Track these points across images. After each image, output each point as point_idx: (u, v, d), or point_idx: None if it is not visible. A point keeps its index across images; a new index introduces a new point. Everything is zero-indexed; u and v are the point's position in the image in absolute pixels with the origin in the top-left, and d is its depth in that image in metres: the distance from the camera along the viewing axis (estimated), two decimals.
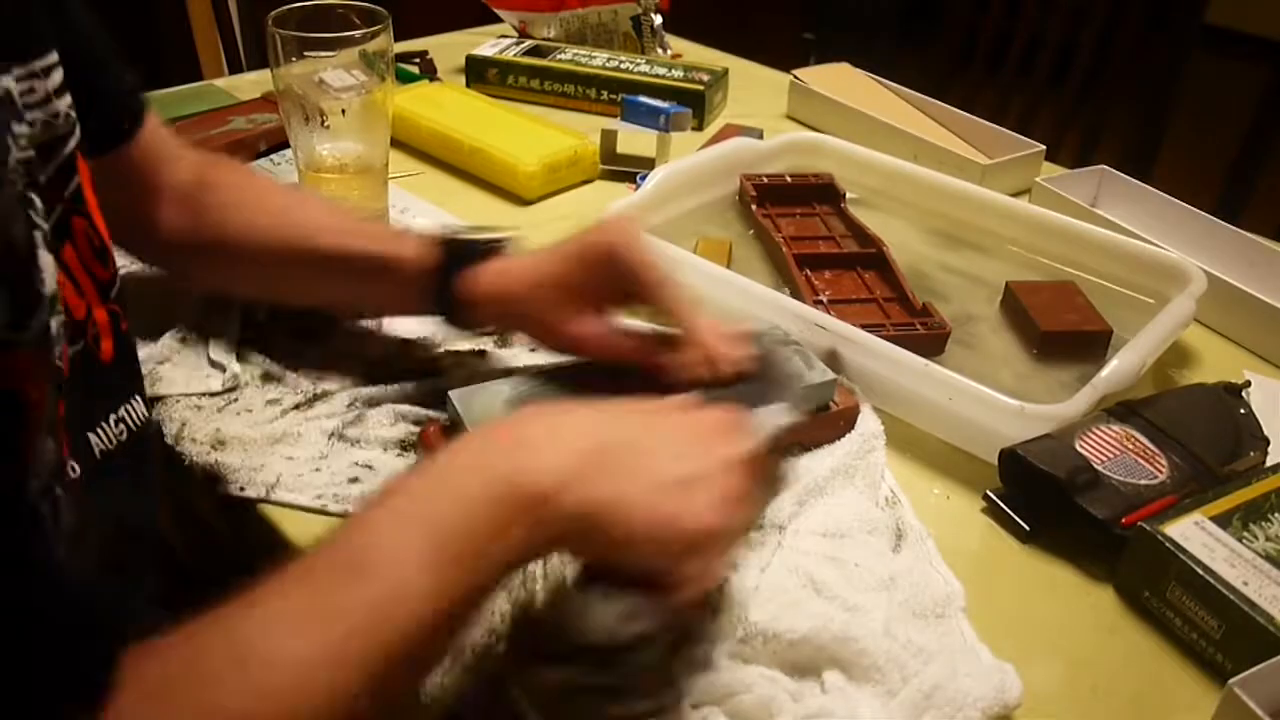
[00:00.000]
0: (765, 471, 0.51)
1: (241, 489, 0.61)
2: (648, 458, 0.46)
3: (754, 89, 1.28)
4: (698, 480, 0.46)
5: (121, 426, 0.55)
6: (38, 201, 0.46)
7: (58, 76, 0.50)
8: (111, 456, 0.53)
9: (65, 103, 0.50)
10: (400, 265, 0.65)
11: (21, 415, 0.39)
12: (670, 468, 0.45)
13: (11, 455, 0.37)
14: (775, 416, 0.55)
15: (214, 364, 0.70)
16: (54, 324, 0.47)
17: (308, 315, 0.74)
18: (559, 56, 1.22)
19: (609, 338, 0.62)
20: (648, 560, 0.45)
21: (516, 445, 0.44)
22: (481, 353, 0.72)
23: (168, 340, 0.72)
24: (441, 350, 0.73)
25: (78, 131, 0.52)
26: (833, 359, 0.69)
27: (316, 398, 0.68)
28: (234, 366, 0.69)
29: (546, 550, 0.45)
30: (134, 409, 0.56)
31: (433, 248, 0.65)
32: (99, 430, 0.53)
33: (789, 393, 0.58)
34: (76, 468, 0.49)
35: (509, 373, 0.69)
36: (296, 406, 0.67)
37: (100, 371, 0.53)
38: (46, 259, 0.46)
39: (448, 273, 0.64)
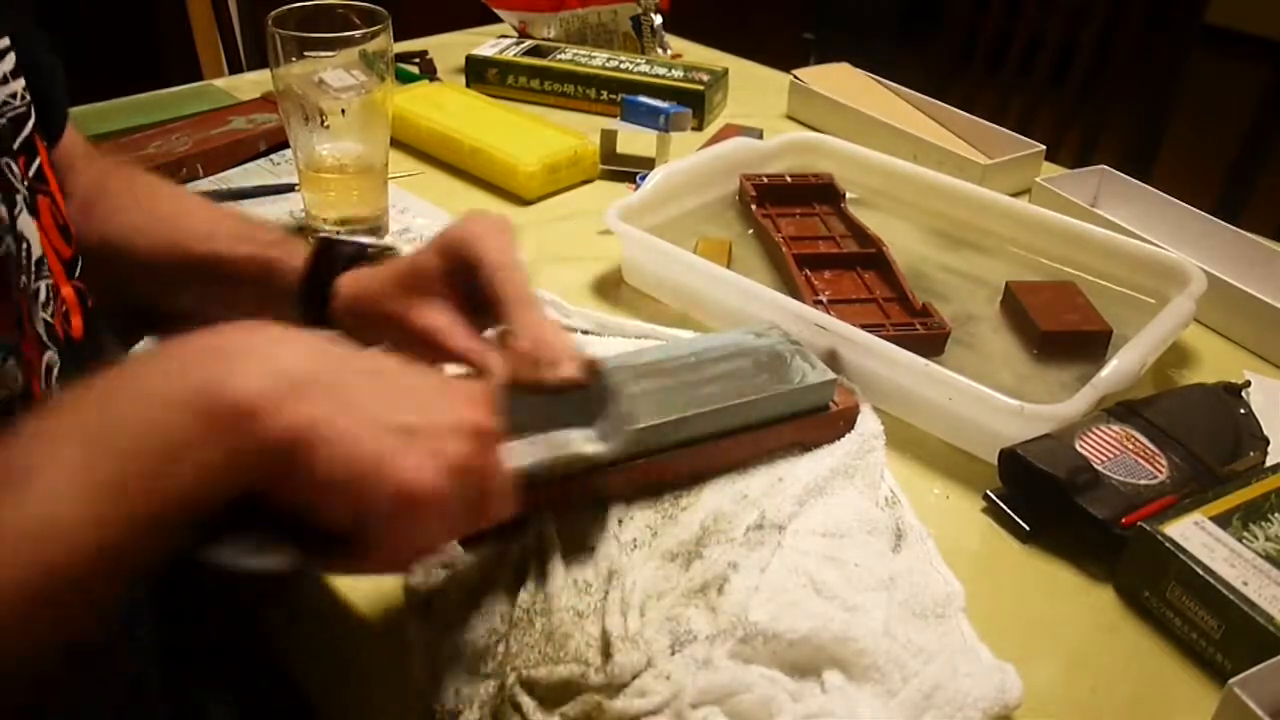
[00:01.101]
0: (495, 470, 0.45)
1: None
2: (370, 395, 0.40)
3: (754, 89, 1.28)
4: (421, 433, 0.40)
5: None
6: (14, 166, 0.47)
7: (10, 60, 0.50)
8: None
9: (20, 85, 0.51)
10: (274, 272, 0.63)
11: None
12: (393, 412, 0.40)
13: None
14: (577, 439, 0.52)
15: None
16: (42, 287, 0.48)
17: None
18: (559, 56, 1.22)
19: (441, 331, 0.55)
20: (346, 506, 0.39)
21: (221, 353, 0.38)
22: None
23: (149, 343, 0.71)
24: None
25: (33, 113, 0.52)
26: (833, 359, 0.69)
27: None
28: None
29: (237, 480, 0.37)
30: None
31: (306, 255, 0.62)
32: None
33: (608, 426, 0.53)
34: None
35: None
36: None
37: (73, 347, 0.53)
38: (29, 222, 0.46)
39: (316, 280, 0.61)
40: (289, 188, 0.95)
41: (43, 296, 0.50)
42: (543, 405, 0.51)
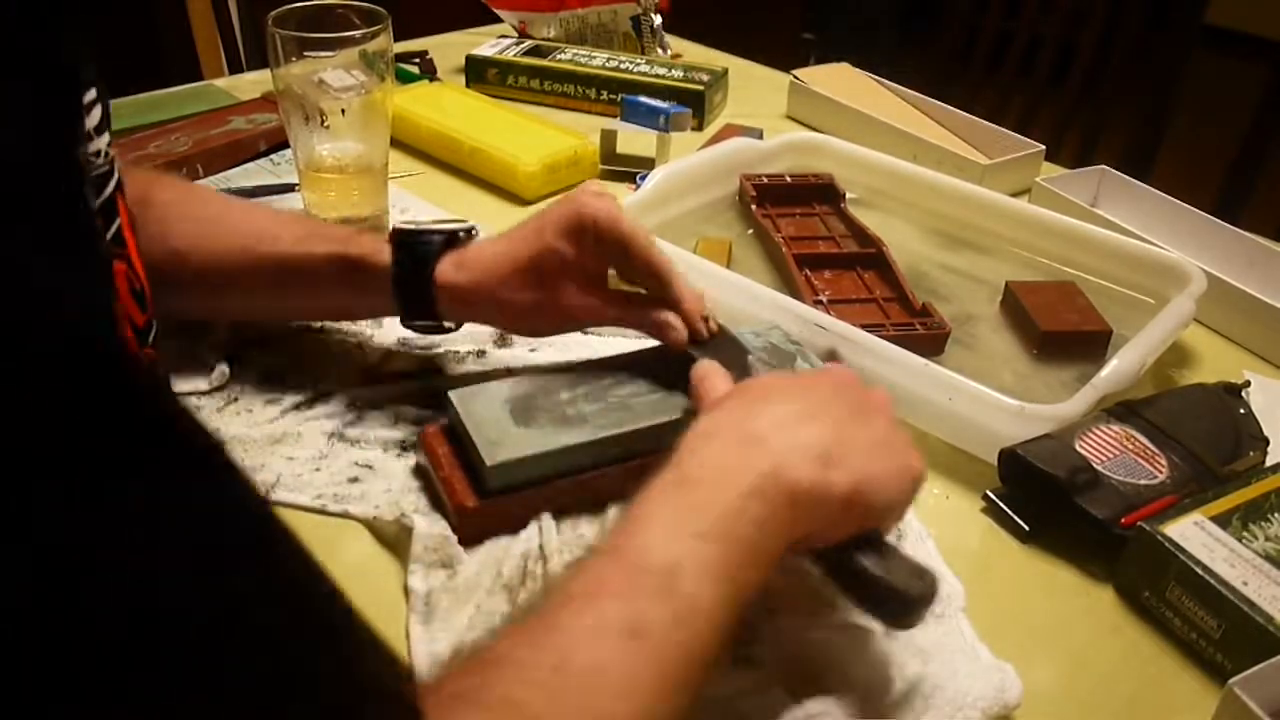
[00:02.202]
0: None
1: None
2: (856, 431, 0.49)
3: (754, 89, 1.28)
4: (893, 430, 0.50)
5: None
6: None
7: (97, 113, 0.48)
8: None
9: (105, 141, 0.48)
10: (359, 268, 0.64)
11: None
12: (877, 430, 0.49)
13: None
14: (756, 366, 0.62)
15: (203, 363, 0.70)
16: None
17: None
18: (559, 56, 1.22)
19: (603, 307, 0.63)
20: (900, 513, 0.50)
21: (763, 446, 0.46)
22: (481, 353, 0.72)
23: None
24: (441, 350, 0.73)
25: (116, 171, 0.49)
26: (833, 359, 0.69)
27: (316, 398, 0.68)
28: (222, 366, 0.69)
29: (812, 529, 0.47)
30: None
31: (389, 247, 0.64)
32: None
33: (743, 349, 0.63)
34: None
35: (509, 373, 0.69)
36: (296, 406, 0.67)
37: None
38: None
39: (408, 273, 0.63)
40: (289, 188, 0.94)
41: None
42: (707, 352, 0.61)
